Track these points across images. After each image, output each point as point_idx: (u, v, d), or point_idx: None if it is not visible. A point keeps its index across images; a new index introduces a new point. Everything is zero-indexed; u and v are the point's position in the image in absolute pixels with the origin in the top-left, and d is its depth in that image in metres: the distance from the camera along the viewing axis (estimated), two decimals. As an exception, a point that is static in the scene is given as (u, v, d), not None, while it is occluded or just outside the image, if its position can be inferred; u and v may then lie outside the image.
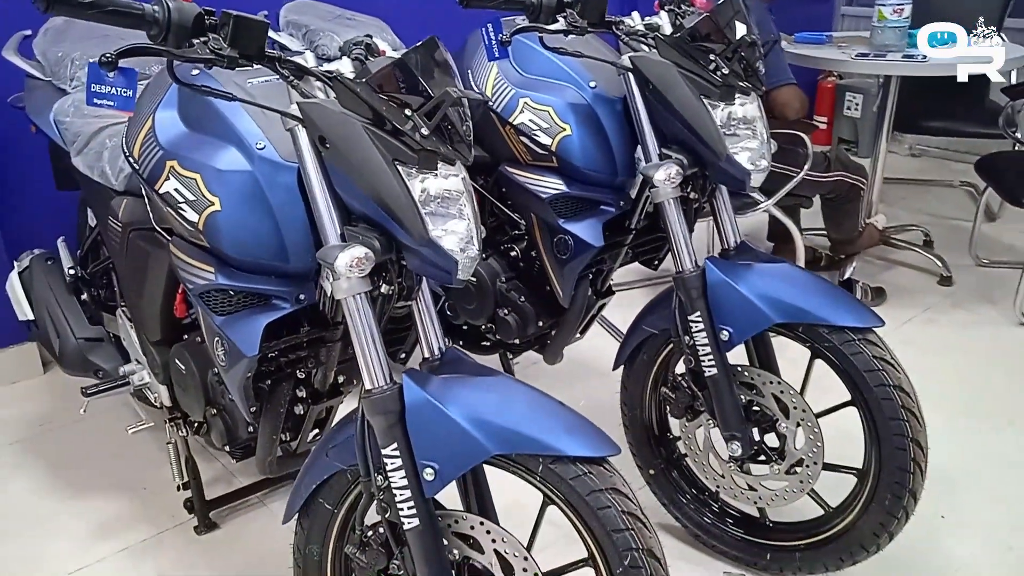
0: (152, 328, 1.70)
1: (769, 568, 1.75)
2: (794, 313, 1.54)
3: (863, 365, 1.52)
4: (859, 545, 1.61)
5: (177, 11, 1.06)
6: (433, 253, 1.16)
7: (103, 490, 2.07)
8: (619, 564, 1.19)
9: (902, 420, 1.51)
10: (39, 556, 1.87)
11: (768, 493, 1.71)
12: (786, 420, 1.65)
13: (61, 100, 1.86)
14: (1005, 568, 1.78)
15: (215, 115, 1.32)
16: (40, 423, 2.37)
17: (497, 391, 1.24)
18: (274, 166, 1.29)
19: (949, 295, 3.03)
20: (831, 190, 2.75)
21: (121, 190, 1.69)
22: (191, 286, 1.34)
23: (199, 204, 1.30)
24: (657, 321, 1.73)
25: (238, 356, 1.32)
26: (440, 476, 1.19)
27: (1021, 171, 2.93)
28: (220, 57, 1.08)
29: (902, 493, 1.53)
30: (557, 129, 1.67)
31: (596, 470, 1.20)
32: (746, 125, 1.60)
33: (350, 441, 1.26)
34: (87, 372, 1.93)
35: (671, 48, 1.55)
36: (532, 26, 1.50)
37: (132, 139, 1.40)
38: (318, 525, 1.37)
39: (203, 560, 1.84)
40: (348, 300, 1.19)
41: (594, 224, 1.71)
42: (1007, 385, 2.46)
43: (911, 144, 4.74)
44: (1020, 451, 2.15)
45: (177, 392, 1.70)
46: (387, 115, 1.13)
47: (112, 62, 1.04)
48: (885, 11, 2.79)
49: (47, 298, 1.98)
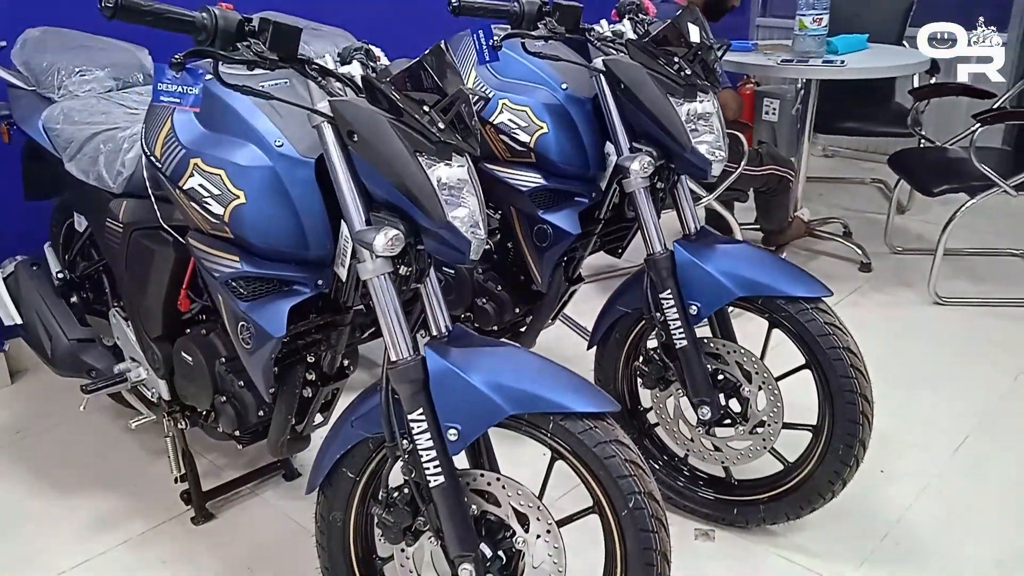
0: (154, 324, 1.77)
1: (736, 522, 1.93)
2: (754, 287, 1.73)
3: (816, 331, 1.72)
4: (816, 493, 1.81)
5: (222, 18, 1.17)
6: (451, 235, 1.29)
7: (92, 489, 2.11)
8: (624, 507, 1.34)
9: (851, 378, 1.71)
10: (34, 554, 1.90)
11: (733, 453, 1.89)
12: (749, 385, 1.83)
13: (50, 108, 1.91)
14: (937, 509, 2.00)
15: (234, 116, 1.42)
16: (16, 430, 2.38)
17: (509, 359, 1.38)
18: (293, 162, 1.39)
19: (869, 280, 3.30)
20: (764, 183, 2.98)
21: (119, 192, 1.76)
22: (216, 275, 1.44)
23: (224, 198, 1.39)
24: (629, 301, 1.89)
25: (265, 338, 1.42)
26: (463, 436, 1.31)
27: (929, 165, 3.23)
28: (262, 59, 1.20)
29: (853, 443, 1.73)
30: (535, 127, 1.82)
31: (600, 424, 1.35)
32: (705, 120, 1.78)
33: (373, 411, 1.38)
34: (80, 372, 1.97)
35: (640, 51, 1.72)
36: (517, 32, 1.65)
37: (152, 140, 1.48)
38: (341, 493, 1.47)
39: (204, 548, 1.91)
40: (373, 280, 1.31)
41: (570, 214, 1.87)
42: (924, 355, 2.73)
43: (824, 146, 5.07)
44: (938, 410, 2.40)
45: (181, 384, 1.78)
46: (408, 111, 1.26)
47: (180, 63, 1.14)
48: (806, 20, 3.05)
49: (36, 302, 2.02)
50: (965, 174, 2.96)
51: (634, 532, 1.34)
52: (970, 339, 2.82)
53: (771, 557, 1.86)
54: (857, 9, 3.76)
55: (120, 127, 1.82)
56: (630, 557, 1.35)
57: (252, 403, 1.66)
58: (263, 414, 1.67)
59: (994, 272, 3.33)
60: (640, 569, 1.35)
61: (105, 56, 2.06)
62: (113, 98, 1.95)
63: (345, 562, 1.51)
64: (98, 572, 1.85)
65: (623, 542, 1.35)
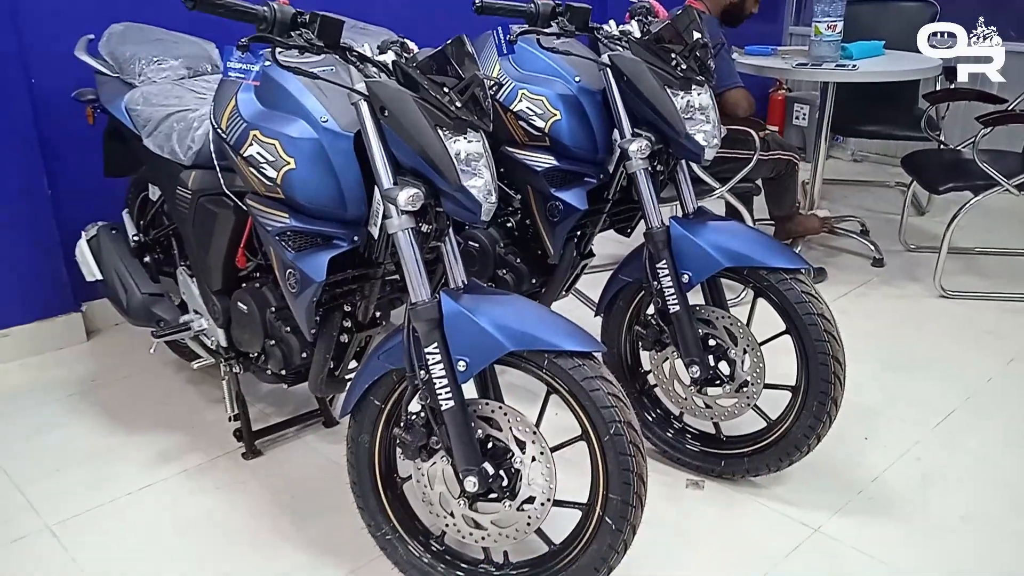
0: (215, 279, 2.05)
1: (723, 473, 2.14)
2: (740, 258, 1.94)
3: (794, 298, 1.93)
4: (794, 447, 2.01)
5: (280, 11, 1.44)
6: (464, 197, 1.53)
7: (156, 429, 2.40)
8: (606, 433, 1.56)
9: (825, 341, 1.91)
10: (108, 479, 2.19)
11: (721, 410, 2.10)
12: (735, 348, 2.04)
13: (131, 92, 2.21)
14: (913, 472, 2.19)
15: (287, 96, 1.69)
16: (91, 380, 2.69)
17: (512, 305, 1.62)
18: (335, 135, 1.65)
19: (880, 274, 3.47)
20: (773, 168, 3.16)
21: (189, 164, 2.04)
22: (269, 229, 1.70)
23: (278, 163, 1.66)
24: (631, 272, 2.12)
25: (308, 282, 1.68)
26: (470, 367, 1.56)
27: (938, 165, 3.39)
28: (312, 45, 1.46)
29: (826, 401, 1.93)
30: (550, 115, 2.06)
31: (588, 363, 1.58)
32: (701, 111, 2.00)
33: (397, 347, 1.63)
34: (151, 322, 2.26)
35: (641, 48, 1.95)
36: (532, 29, 1.90)
37: (219, 115, 1.76)
38: (368, 418, 1.73)
39: (253, 478, 2.18)
40: (399, 234, 1.56)
41: (579, 192, 2.10)
42: (922, 342, 2.90)
43: (853, 151, 5.22)
44: (928, 391, 2.57)
45: (236, 331, 2.05)
46: (430, 91, 1.51)
47: (246, 45, 1.41)
48: (821, 27, 3.24)
49: (114, 261, 2.32)
50: (970, 174, 3.12)
51: (615, 455, 1.56)
52: (968, 329, 2.98)
53: (754, 504, 2.07)
54: (877, 19, 3.93)
55: (191, 109, 2.11)
56: (611, 477, 1.57)
57: (297, 346, 1.92)
58: (306, 356, 1.93)
59: (1001, 270, 3.47)
60: (620, 488, 1.57)
61: (178, 48, 2.36)
62: (185, 84, 2.25)
63: (371, 478, 1.76)
64: (162, 493, 2.13)
65: (605, 464, 1.58)
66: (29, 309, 2.81)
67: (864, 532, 1.96)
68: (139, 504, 2.09)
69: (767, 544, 1.93)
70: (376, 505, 1.77)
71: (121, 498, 2.11)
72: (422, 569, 1.75)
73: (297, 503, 2.08)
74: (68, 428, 2.42)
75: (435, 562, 1.76)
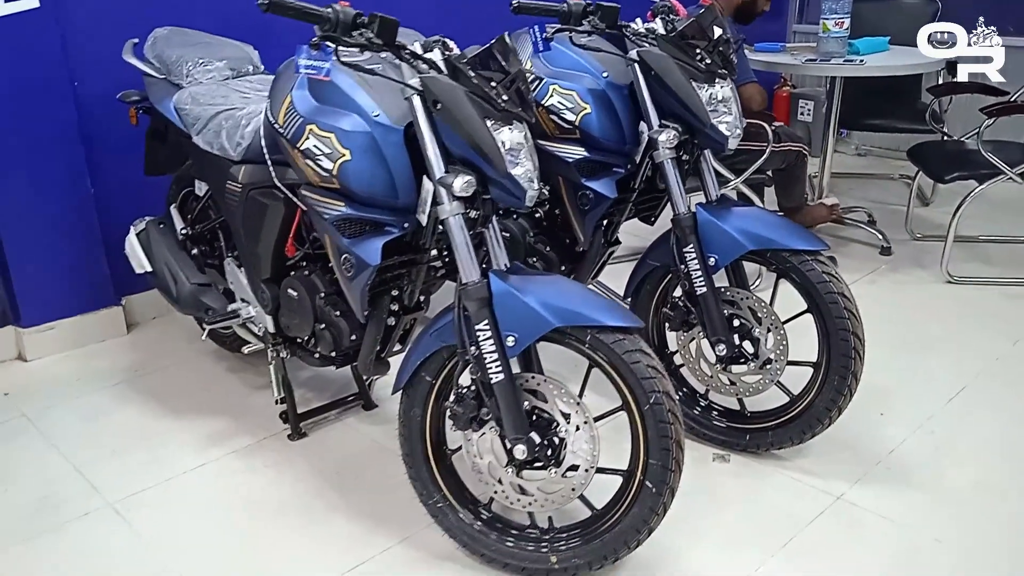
0: (265, 268, 2.16)
1: (748, 447, 2.25)
2: (763, 241, 2.05)
3: (815, 278, 2.04)
4: (816, 419, 2.12)
5: (342, 13, 1.55)
6: (511, 184, 1.65)
7: (202, 414, 2.51)
8: (646, 402, 1.67)
9: (846, 318, 2.03)
10: (160, 460, 2.30)
11: (746, 387, 2.21)
12: (759, 327, 2.16)
13: (179, 92, 2.33)
14: (926, 445, 2.30)
15: (340, 92, 1.80)
16: (134, 369, 2.80)
17: (556, 285, 1.74)
18: (387, 129, 1.76)
19: (888, 262, 3.59)
20: (783, 160, 3.28)
21: (238, 160, 2.16)
22: (326, 217, 1.82)
23: (334, 155, 1.77)
24: (659, 256, 2.23)
25: (363, 266, 1.79)
26: (519, 342, 1.67)
27: (942, 156, 3.52)
28: (371, 44, 1.57)
29: (847, 375, 2.05)
30: (580, 108, 2.17)
31: (629, 338, 1.69)
32: (723, 103, 2.12)
33: (447, 325, 1.74)
34: (199, 311, 2.38)
35: (668, 44, 2.07)
36: (565, 27, 2.02)
37: (276, 111, 1.87)
38: (420, 393, 1.84)
39: (300, 457, 2.29)
40: (451, 219, 1.68)
41: (608, 181, 2.21)
42: (931, 325, 3.02)
43: (857, 145, 5.34)
44: (939, 370, 2.69)
45: (286, 317, 2.17)
46: (480, 85, 1.62)
47: (317, 44, 1.52)
48: (828, 24, 3.36)
49: (163, 254, 2.44)
50: (974, 163, 3.24)
51: (654, 423, 1.67)
52: (976, 312, 3.10)
53: (779, 475, 2.18)
54: (882, 16, 4.05)
55: (237, 107, 2.22)
56: (651, 444, 1.69)
57: (346, 329, 2.03)
58: (355, 338, 2.05)
59: (1005, 257, 3.59)
60: (659, 454, 1.68)
61: (221, 50, 2.48)
62: (229, 84, 2.36)
63: (422, 450, 1.87)
64: (214, 472, 2.24)
65: (645, 432, 1.69)
66: (73, 303, 2.92)
67: (882, 499, 2.08)
68: (194, 482, 2.21)
69: (792, 511, 2.04)
70: (428, 475, 1.88)
71: (176, 477, 2.22)
72: (472, 535, 1.87)
73: (343, 479, 2.19)
74: (119, 414, 2.53)
75: (484, 528, 1.87)
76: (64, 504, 2.12)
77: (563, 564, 1.79)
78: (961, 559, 1.88)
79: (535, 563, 1.82)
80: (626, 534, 1.74)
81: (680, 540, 1.93)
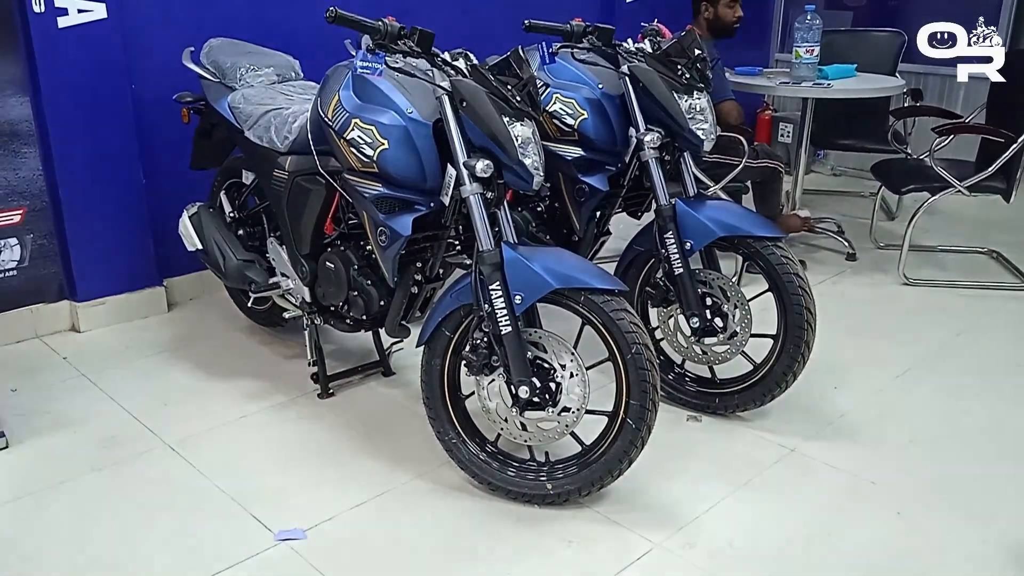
0: (305, 244, 2.52)
1: (717, 409, 2.60)
2: (731, 229, 2.42)
3: (775, 261, 2.40)
4: (775, 383, 2.48)
5: (390, 26, 1.93)
6: (521, 169, 2.02)
7: (241, 377, 2.85)
8: (628, 352, 2.02)
9: (800, 295, 2.39)
10: (205, 413, 2.63)
11: (716, 356, 2.57)
12: (728, 304, 2.52)
13: (233, 93, 2.70)
14: (871, 411, 2.66)
15: (379, 93, 2.16)
16: (176, 341, 3.14)
17: (556, 255, 2.10)
18: (418, 123, 2.12)
19: (852, 267, 3.97)
20: (760, 175, 3.67)
21: (285, 151, 2.52)
22: (366, 195, 2.17)
23: (374, 144, 2.13)
24: (643, 242, 2.60)
25: (396, 237, 2.15)
26: (524, 300, 2.02)
27: (901, 171, 3.91)
28: (413, 51, 1.95)
29: (800, 344, 2.41)
30: (578, 114, 2.55)
31: (615, 299, 2.04)
32: (700, 112, 2.49)
33: (465, 287, 2.10)
34: (244, 284, 2.73)
35: (654, 61, 2.45)
36: (568, 45, 2.40)
37: (326, 107, 2.23)
38: (440, 346, 2.19)
39: (329, 412, 2.64)
40: (471, 198, 2.04)
41: (601, 177, 2.59)
42: (887, 317, 3.39)
43: (832, 165, 5.75)
44: (889, 354, 3.05)
45: (323, 287, 2.52)
46: (497, 87, 1.99)
47: (373, 49, 1.90)
48: (800, 51, 3.76)
49: (213, 234, 2.79)
50: (928, 177, 3.62)
51: (635, 369, 2.02)
52: (926, 308, 3.47)
53: (743, 432, 2.53)
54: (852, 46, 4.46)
55: (284, 107, 2.59)
56: (632, 387, 2.03)
57: (376, 295, 2.39)
58: (383, 304, 2.40)
59: (957, 264, 3.98)
60: (639, 395, 2.02)
61: (268, 59, 2.85)
62: (276, 88, 2.73)
63: (440, 395, 2.21)
64: (255, 422, 2.58)
65: (627, 377, 2.03)
66: (121, 282, 3.26)
67: (830, 451, 2.43)
68: (239, 429, 2.55)
69: (753, 459, 2.40)
70: (444, 416, 2.23)
71: (221, 426, 2.56)
72: (480, 466, 2.21)
73: (369, 430, 2.54)
74: (166, 376, 2.87)
75: (491, 460, 2.21)
76: (128, 443, 2.46)
77: (557, 490, 2.14)
78: (892, 497, 2.23)
79: (534, 490, 2.16)
80: (611, 464, 2.09)
81: (658, 479, 2.28)
